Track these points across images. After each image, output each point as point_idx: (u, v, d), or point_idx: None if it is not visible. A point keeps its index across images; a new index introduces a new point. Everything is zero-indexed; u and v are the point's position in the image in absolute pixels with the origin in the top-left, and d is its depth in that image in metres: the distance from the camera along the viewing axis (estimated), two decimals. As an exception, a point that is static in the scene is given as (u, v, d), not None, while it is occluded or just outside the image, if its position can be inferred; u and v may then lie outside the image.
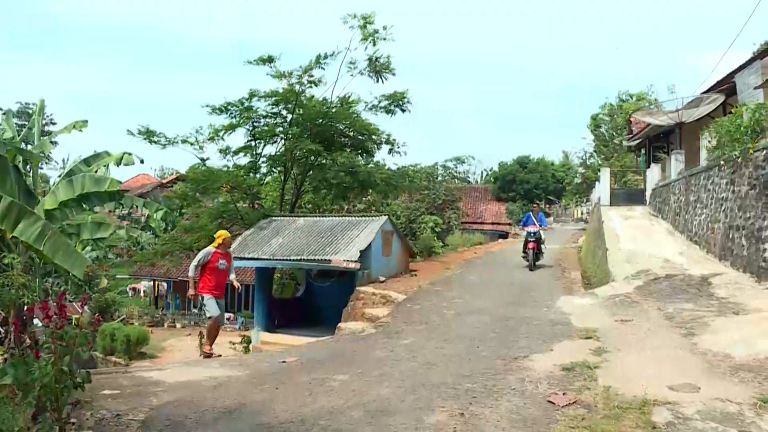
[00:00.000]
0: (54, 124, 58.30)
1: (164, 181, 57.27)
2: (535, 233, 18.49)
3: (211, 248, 10.19)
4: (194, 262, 10.00)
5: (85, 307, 29.55)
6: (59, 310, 5.29)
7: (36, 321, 15.11)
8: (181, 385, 6.53)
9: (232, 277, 10.54)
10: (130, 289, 42.95)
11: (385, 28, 23.16)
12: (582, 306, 10.92)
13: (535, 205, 21.72)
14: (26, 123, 48.97)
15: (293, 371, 7.14)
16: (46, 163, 56.35)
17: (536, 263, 18.45)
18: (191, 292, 9.98)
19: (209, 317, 10.24)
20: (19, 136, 22.06)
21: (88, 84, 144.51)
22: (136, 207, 22.33)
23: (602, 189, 27.02)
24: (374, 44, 23.28)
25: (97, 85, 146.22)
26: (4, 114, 28.53)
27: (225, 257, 10.24)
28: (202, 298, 10.00)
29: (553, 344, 7.95)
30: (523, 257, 18.82)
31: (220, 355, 9.85)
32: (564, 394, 5.65)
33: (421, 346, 8.37)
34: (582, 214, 47.36)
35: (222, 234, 10.43)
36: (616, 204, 25.26)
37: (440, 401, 5.63)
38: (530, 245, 18.47)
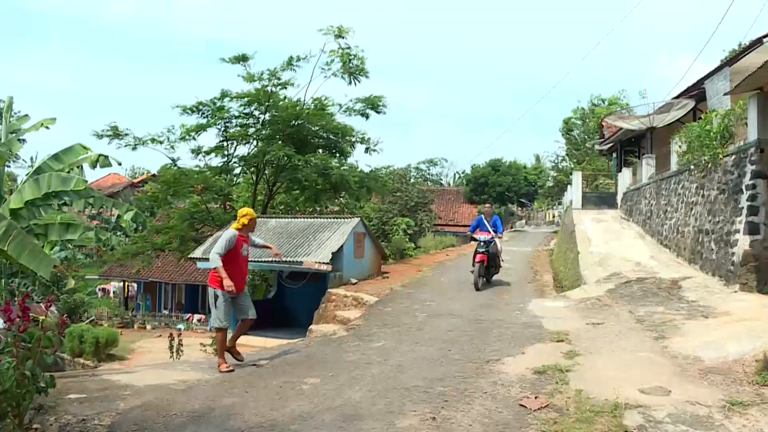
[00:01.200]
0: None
1: (135, 181, 56.71)
2: (486, 242, 14.35)
3: (233, 231, 7.96)
4: (218, 250, 7.70)
5: (52, 308, 29.15)
6: (22, 312, 5.15)
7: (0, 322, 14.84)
8: (150, 388, 6.41)
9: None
10: (99, 289, 42.39)
11: (357, 46, 23.40)
12: (554, 309, 10.96)
13: (487, 205, 17.12)
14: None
15: (264, 374, 7.05)
16: (13, 161, 55.37)
17: (488, 280, 14.72)
18: (228, 282, 7.54)
19: (217, 327, 7.91)
20: None
21: (53, 83, 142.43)
22: (106, 207, 22.08)
23: (574, 192, 27.25)
24: (341, 59, 23.37)
25: (64, 83, 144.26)
26: None
27: (247, 240, 8.18)
28: (216, 296, 7.78)
29: (525, 347, 7.96)
30: (472, 272, 14.43)
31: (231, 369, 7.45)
32: (536, 397, 5.64)
33: (392, 349, 8.33)
34: (554, 216, 47.73)
35: (247, 213, 8.13)
36: (588, 207, 25.49)
37: (412, 405, 5.59)
38: (478, 258, 14.15)
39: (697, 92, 18.95)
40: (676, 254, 14.38)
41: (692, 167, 13.43)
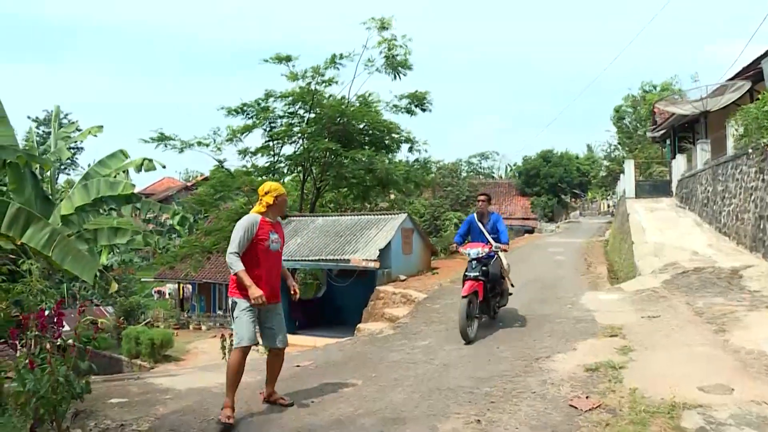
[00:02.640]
0: (80, 130, 58.97)
1: (189, 184, 57.63)
2: (480, 260, 8.69)
3: (255, 215, 5.57)
4: (233, 248, 5.36)
5: (110, 310, 29.85)
6: (56, 319, 5.14)
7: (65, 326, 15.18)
8: (191, 392, 6.35)
9: (290, 282, 5.98)
10: (155, 292, 43.15)
11: (404, 36, 23.27)
12: (607, 302, 10.56)
13: (482, 198, 9.44)
14: (51, 130, 49.77)
15: (306, 376, 6.92)
16: (73, 169, 57.04)
17: (492, 317, 9.26)
18: (256, 292, 5.30)
19: (235, 345, 5.68)
20: (43, 144, 22.31)
21: (91, 91, 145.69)
22: (153, 211, 22.49)
23: (627, 181, 26.62)
24: (389, 50, 23.24)
25: (102, 91, 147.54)
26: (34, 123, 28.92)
27: (277, 229, 5.73)
28: (234, 304, 5.56)
29: (576, 343, 7.64)
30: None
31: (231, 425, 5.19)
32: (587, 397, 5.35)
33: (439, 348, 8.10)
34: (608, 207, 46.86)
35: (271, 189, 5.68)
36: (642, 196, 24.84)
37: (456, 407, 5.37)
38: (467, 287, 8.34)
39: (753, 72, 18.19)
40: (736, 242, 13.78)
41: (750, 151, 12.83)
